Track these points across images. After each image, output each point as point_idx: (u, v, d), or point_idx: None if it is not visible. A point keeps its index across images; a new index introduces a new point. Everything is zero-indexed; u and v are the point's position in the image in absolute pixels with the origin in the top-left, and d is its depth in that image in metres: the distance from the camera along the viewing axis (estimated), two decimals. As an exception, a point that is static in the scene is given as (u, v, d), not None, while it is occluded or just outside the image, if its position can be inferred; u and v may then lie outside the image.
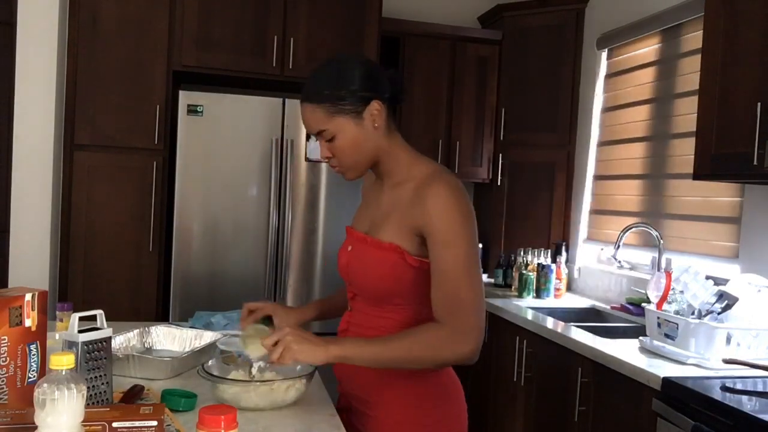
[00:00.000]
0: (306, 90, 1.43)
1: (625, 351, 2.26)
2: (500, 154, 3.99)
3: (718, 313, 2.15)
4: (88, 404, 1.08)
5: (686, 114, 2.95)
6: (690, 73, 2.93)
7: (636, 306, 2.93)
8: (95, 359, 1.38)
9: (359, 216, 1.60)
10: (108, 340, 1.42)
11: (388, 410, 1.47)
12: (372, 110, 1.41)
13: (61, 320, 1.91)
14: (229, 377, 1.49)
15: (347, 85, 1.40)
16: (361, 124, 1.41)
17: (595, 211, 3.70)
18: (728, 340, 2.08)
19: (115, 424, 1.08)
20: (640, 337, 2.37)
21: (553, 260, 3.52)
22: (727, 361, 2.05)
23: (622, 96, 3.49)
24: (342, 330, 1.58)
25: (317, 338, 1.35)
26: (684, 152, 2.95)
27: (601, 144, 3.65)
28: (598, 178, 3.68)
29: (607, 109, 3.62)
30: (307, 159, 3.33)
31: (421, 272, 1.41)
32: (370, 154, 1.45)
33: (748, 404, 1.74)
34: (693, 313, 2.20)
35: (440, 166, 1.49)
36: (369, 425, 1.51)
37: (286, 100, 3.31)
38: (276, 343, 1.32)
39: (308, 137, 3.31)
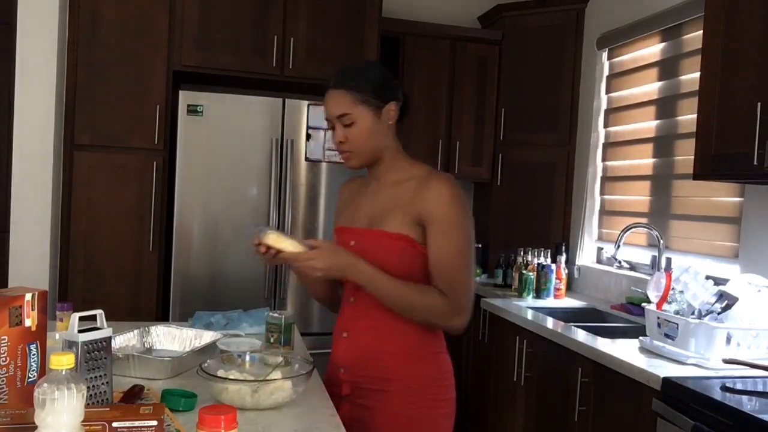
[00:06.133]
0: (336, 78, 1.60)
1: (625, 351, 2.25)
2: (500, 154, 4.00)
3: (718, 313, 2.15)
4: (88, 404, 1.08)
5: (688, 114, 2.95)
6: (691, 74, 2.93)
7: (636, 306, 2.93)
8: (95, 359, 1.38)
9: (349, 215, 1.72)
10: (108, 340, 1.42)
11: (392, 401, 1.58)
12: (389, 109, 1.61)
13: (61, 320, 1.91)
14: (228, 377, 1.49)
15: (376, 81, 1.60)
16: (378, 118, 1.60)
17: (598, 212, 3.70)
18: (728, 340, 2.07)
19: (115, 424, 1.08)
20: (640, 337, 2.37)
21: (553, 260, 3.52)
22: (727, 361, 2.05)
23: (623, 96, 3.49)
24: (345, 319, 1.69)
25: (349, 253, 1.54)
26: (685, 153, 2.95)
27: (603, 145, 3.65)
28: (601, 179, 3.68)
29: (608, 110, 3.62)
30: (307, 159, 3.33)
31: (424, 259, 1.57)
32: (378, 148, 1.62)
33: (748, 404, 1.74)
34: (693, 313, 2.20)
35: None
36: (370, 415, 1.59)
37: (286, 100, 3.31)
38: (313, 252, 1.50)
39: (308, 137, 3.31)
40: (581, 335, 2.51)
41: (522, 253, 3.60)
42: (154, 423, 1.10)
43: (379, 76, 1.61)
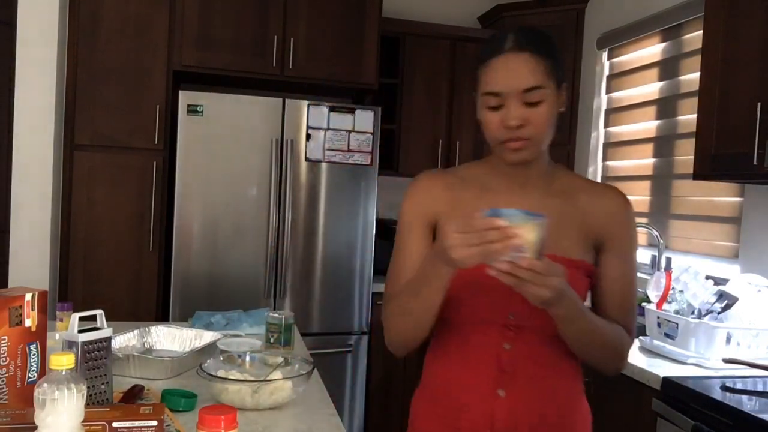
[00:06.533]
0: (519, 38, 1.18)
1: (625, 351, 2.25)
2: (500, 154, 3.99)
3: (718, 313, 2.15)
4: (88, 404, 1.08)
5: (688, 114, 2.95)
6: (691, 74, 2.93)
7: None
8: (95, 359, 1.38)
9: None
10: (108, 340, 1.43)
11: None
12: (564, 92, 1.24)
13: (61, 320, 1.91)
14: (228, 377, 1.49)
15: (559, 54, 1.22)
16: (557, 99, 1.21)
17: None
18: (728, 339, 2.08)
19: (115, 424, 1.08)
20: (640, 337, 2.37)
21: (553, 260, 3.51)
22: (727, 361, 2.05)
23: (623, 96, 3.49)
24: (498, 373, 1.24)
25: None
26: (685, 153, 2.95)
27: (603, 145, 3.65)
28: (602, 179, 3.68)
29: (608, 110, 3.62)
30: (307, 159, 3.33)
31: (588, 289, 1.31)
32: (549, 138, 1.25)
33: (748, 404, 1.74)
34: (693, 313, 2.20)
35: None
36: None
37: (286, 100, 3.31)
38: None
39: (308, 137, 3.31)
40: (581, 335, 2.51)
41: (522, 253, 3.59)
42: (154, 423, 1.10)
43: (558, 48, 1.22)
